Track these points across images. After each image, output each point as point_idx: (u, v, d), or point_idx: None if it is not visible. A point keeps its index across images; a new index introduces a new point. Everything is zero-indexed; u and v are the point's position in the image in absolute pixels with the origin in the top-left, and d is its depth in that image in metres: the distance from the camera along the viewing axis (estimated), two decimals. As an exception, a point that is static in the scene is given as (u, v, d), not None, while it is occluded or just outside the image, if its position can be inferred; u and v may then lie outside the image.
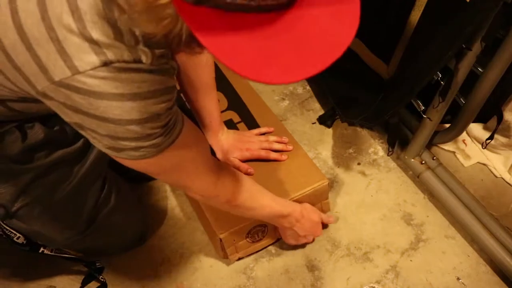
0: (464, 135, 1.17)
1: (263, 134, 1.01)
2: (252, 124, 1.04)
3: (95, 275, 0.92)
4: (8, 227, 0.75)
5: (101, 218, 0.83)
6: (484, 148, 1.08)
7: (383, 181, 1.13)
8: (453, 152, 1.18)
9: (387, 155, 1.18)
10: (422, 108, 1.01)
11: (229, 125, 1.01)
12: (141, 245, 0.99)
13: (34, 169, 0.70)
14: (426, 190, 1.09)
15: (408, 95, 0.98)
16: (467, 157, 1.15)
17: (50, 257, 0.84)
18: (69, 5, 0.42)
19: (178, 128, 0.56)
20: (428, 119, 1.00)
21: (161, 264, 0.97)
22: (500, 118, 1.00)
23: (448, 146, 1.18)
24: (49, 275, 0.95)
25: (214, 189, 0.70)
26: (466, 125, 1.01)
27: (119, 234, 0.92)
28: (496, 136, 1.07)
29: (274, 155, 0.96)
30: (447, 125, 1.08)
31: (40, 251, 0.81)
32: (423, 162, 1.11)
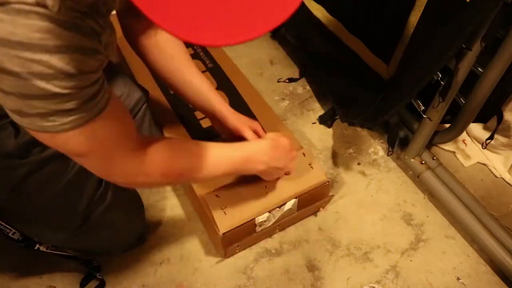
0: (464, 135, 1.17)
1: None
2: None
3: (94, 274, 0.92)
4: (3, 223, 0.75)
5: (96, 216, 0.81)
6: (484, 148, 1.08)
7: (383, 181, 1.13)
8: (453, 152, 1.18)
9: (387, 155, 1.18)
10: (422, 108, 1.01)
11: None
12: (141, 245, 0.99)
13: (28, 164, 0.69)
14: (426, 190, 1.09)
15: (408, 95, 0.98)
16: (467, 157, 1.15)
17: (50, 257, 0.84)
18: None
19: (105, 99, 0.52)
20: (428, 119, 1.00)
21: (161, 264, 0.97)
22: (500, 118, 1.00)
23: (448, 146, 1.18)
24: (49, 275, 0.95)
25: (142, 169, 0.63)
26: (466, 125, 1.01)
27: (116, 233, 0.91)
28: (496, 136, 1.08)
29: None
30: (447, 125, 1.08)
31: (36, 248, 0.81)
32: (423, 162, 1.11)
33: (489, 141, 1.01)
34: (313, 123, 1.27)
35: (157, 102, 1.11)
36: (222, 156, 0.74)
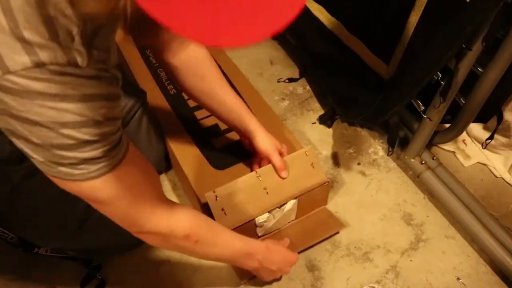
0: (464, 135, 1.17)
1: None
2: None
3: (94, 274, 0.92)
4: (1, 228, 0.75)
5: (95, 217, 0.81)
6: (484, 148, 1.08)
7: (383, 181, 1.13)
8: (453, 152, 1.18)
9: (387, 155, 1.18)
10: (422, 108, 1.01)
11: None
12: (141, 245, 0.99)
13: (24, 170, 0.69)
14: (426, 190, 1.09)
15: (408, 95, 0.99)
16: (467, 157, 1.15)
17: (50, 257, 0.84)
18: (1, 5, 0.40)
19: (125, 146, 0.53)
20: (428, 119, 1.00)
21: (161, 264, 0.97)
22: (500, 118, 1.00)
23: (448, 146, 1.18)
24: (49, 275, 0.95)
25: (169, 223, 0.65)
26: (466, 125, 1.01)
27: (116, 234, 0.90)
28: (496, 136, 1.08)
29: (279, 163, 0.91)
30: (447, 125, 1.08)
31: (35, 251, 0.81)
32: (423, 162, 1.11)
33: (489, 141, 1.01)
34: (313, 123, 1.27)
35: (157, 102, 1.11)
36: (232, 240, 0.77)
